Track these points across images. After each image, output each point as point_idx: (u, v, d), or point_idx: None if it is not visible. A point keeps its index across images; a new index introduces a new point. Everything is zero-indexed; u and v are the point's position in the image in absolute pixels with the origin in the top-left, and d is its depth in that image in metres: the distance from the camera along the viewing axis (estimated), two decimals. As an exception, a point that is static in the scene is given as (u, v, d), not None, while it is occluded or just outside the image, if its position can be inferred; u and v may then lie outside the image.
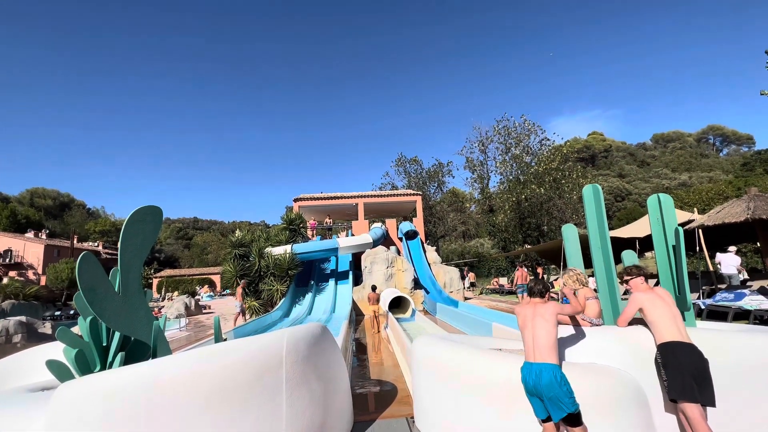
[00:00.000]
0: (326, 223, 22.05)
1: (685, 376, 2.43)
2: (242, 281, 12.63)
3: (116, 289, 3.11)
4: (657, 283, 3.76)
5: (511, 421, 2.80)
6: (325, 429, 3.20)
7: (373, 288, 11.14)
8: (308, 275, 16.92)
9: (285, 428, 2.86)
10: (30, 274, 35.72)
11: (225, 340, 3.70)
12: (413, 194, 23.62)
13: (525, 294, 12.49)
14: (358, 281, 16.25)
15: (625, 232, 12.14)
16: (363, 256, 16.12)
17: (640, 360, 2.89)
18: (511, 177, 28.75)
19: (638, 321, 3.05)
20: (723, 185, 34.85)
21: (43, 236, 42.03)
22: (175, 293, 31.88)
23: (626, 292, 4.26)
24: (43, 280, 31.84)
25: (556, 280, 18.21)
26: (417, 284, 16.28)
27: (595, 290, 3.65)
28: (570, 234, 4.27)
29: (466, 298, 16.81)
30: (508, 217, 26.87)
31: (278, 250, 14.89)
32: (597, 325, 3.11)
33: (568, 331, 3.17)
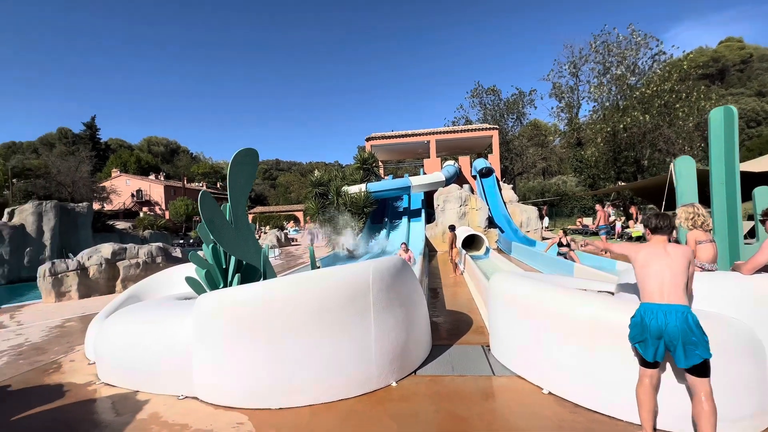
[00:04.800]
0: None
1: None
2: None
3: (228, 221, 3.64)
4: None
5: (592, 358, 2.78)
6: (408, 349, 3.57)
7: (452, 228, 10.09)
8: (382, 213, 17.61)
9: (374, 344, 3.26)
10: (157, 209, 43.26)
11: (319, 267, 4.17)
12: (489, 128, 22.01)
13: (605, 235, 11.52)
14: (430, 219, 16.47)
15: (757, 165, 9.97)
16: (435, 195, 16.07)
17: (759, 309, 2.56)
18: (607, 103, 24.66)
19: (765, 269, 2.64)
20: None
21: (162, 178, 49.73)
22: (267, 227, 36.12)
23: (749, 235, 3.65)
24: (167, 215, 38.43)
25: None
26: (491, 223, 15.93)
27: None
28: (685, 168, 3.67)
29: (544, 238, 16.07)
30: (599, 151, 23.68)
31: (354, 189, 15.56)
32: (710, 271, 2.77)
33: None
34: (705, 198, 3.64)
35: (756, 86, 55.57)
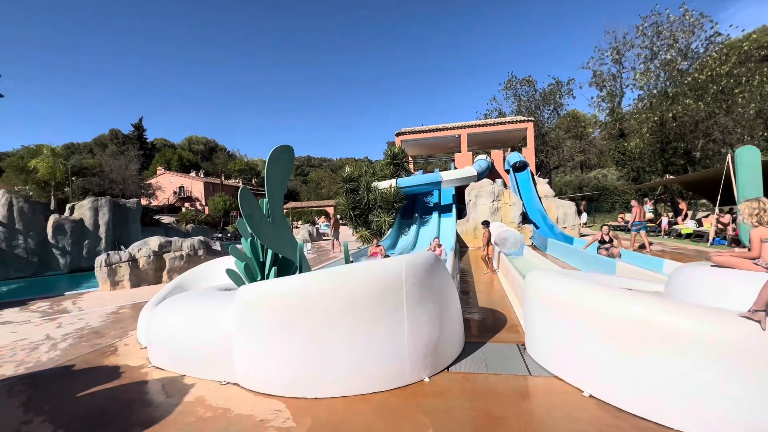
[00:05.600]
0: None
1: None
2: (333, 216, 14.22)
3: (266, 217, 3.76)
4: None
5: (639, 361, 2.63)
6: (440, 345, 3.55)
7: (486, 223, 9.36)
8: (413, 208, 17.54)
9: (407, 339, 3.27)
10: (197, 205, 45.61)
11: (353, 262, 4.23)
12: (524, 121, 21.24)
13: (641, 233, 10.73)
14: (461, 215, 16.21)
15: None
16: (467, 190, 15.77)
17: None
18: (654, 91, 22.98)
19: None
20: None
21: (201, 175, 52.30)
22: (299, 222, 37.11)
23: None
24: (206, 210, 40.47)
25: (705, 217, 15.00)
26: (525, 219, 15.44)
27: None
28: (748, 158, 3.36)
29: (582, 235, 15.36)
30: (644, 142, 22.14)
31: (384, 185, 15.61)
32: (777, 271, 2.52)
33: (734, 277, 2.67)
34: (770, 191, 3.32)
35: (831, 67, 49.61)
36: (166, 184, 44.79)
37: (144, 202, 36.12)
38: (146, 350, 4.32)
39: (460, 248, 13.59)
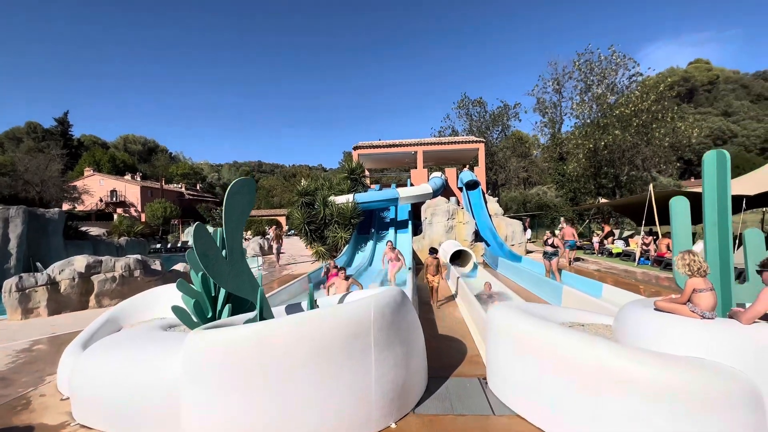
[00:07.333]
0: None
1: None
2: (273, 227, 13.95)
3: (223, 255, 3.46)
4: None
5: (598, 401, 2.78)
6: (407, 386, 3.48)
7: (433, 251, 8.03)
8: (369, 224, 17.49)
9: (374, 385, 3.16)
10: (132, 211, 41.61)
11: (317, 304, 4.04)
12: (476, 141, 22.33)
13: (572, 249, 11.98)
14: (417, 231, 16.47)
15: (740, 187, 10.19)
16: (423, 208, 16.09)
17: (758, 360, 2.62)
18: (588, 120, 25.54)
19: (764, 317, 2.71)
20: None
21: (138, 178, 47.92)
22: (248, 232, 35.27)
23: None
24: (143, 217, 37.03)
25: (631, 237, 16.78)
26: (477, 236, 16.08)
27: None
28: (680, 208, 3.76)
29: (528, 251, 16.36)
30: (581, 166, 24.45)
31: (341, 200, 15.40)
32: (710, 319, 2.82)
33: (674, 322, 2.93)
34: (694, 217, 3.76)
35: (722, 107, 58.94)
36: (95, 188, 40.34)
37: (67, 207, 32.20)
38: (68, 402, 3.73)
39: (416, 265, 13.75)
